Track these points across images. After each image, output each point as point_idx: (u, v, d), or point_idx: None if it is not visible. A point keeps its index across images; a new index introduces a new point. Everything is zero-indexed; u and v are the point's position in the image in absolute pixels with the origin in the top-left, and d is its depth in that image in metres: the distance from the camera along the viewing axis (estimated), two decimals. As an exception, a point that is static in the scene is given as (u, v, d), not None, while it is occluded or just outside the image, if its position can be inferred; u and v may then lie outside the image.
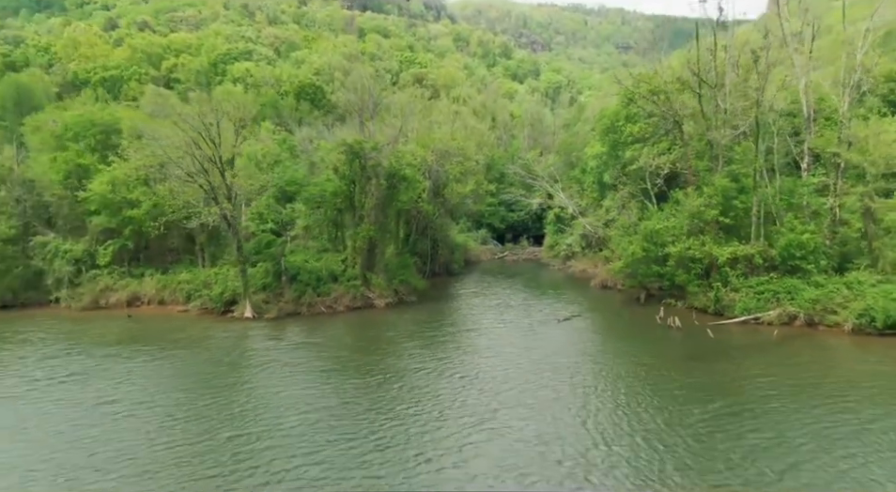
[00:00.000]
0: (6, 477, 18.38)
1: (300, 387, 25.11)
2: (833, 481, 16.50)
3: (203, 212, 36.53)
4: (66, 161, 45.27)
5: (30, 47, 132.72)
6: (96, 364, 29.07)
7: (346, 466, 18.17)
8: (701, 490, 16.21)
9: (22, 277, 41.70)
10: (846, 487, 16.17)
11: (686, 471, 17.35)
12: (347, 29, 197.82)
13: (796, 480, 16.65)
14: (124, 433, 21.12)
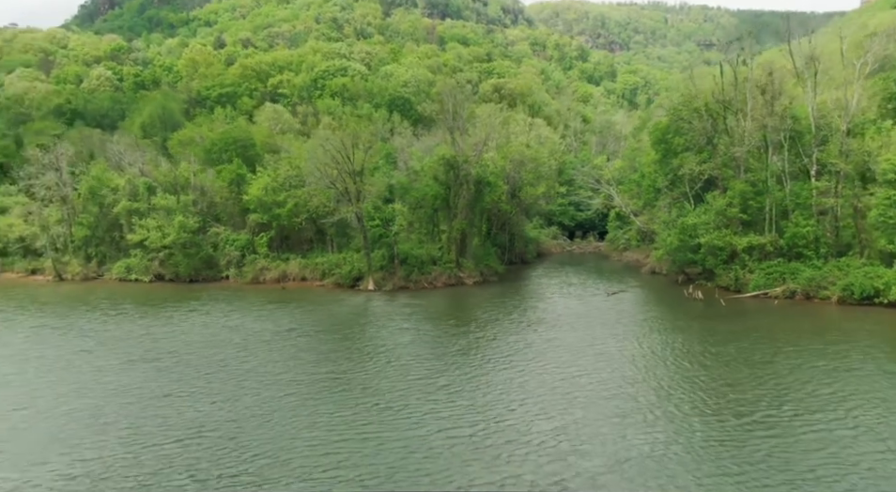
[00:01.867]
0: (221, 348, 32.25)
1: (409, 332, 38.28)
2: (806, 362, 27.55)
3: (340, 210, 50.67)
4: (230, 172, 60.94)
5: (157, 67, 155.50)
6: (269, 313, 43.49)
7: (447, 372, 30.97)
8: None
9: (202, 259, 57.39)
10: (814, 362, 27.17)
11: (701, 361, 28.91)
12: (429, 38, 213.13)
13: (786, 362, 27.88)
14: (308, 342, 34.94)
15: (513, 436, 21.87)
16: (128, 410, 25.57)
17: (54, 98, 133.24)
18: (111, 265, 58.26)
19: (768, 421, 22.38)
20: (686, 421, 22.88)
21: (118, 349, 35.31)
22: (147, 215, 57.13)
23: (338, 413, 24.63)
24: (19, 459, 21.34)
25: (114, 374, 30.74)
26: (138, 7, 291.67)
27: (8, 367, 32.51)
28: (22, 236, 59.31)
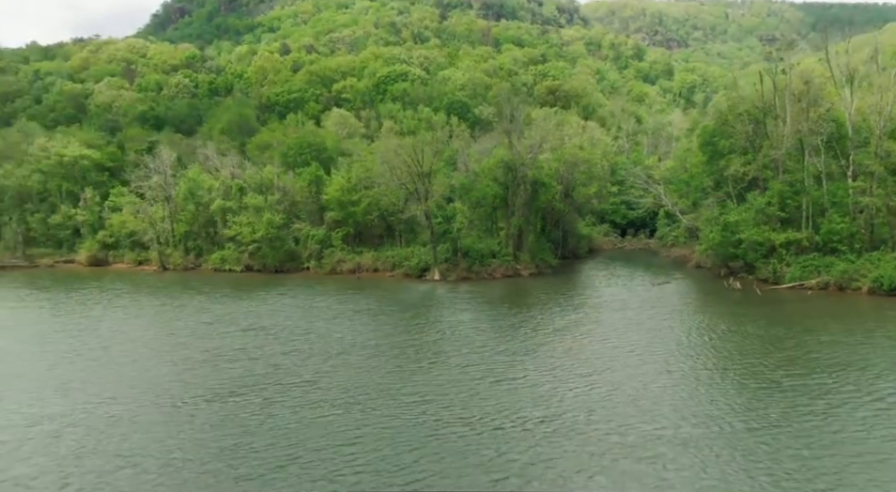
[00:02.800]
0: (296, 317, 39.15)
1: (469, 313, 44.52)
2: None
3: (410, 208, 57.50)
4: (309, 174, 68.68)
5: (229, 75, 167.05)
6: (349, 297, 50.56)
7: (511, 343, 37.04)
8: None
9: (286, 252, 65.26)
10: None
11: (738, 337, 34.15)
12: (484, 40, 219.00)
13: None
14: (385, 319, 41.66)
15: (559, 379, 27.79)
16: (265, 368, 32.79)
17: (138, 105, 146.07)
18: (207, 256, 66.94)
19: (783, 382, 27.49)
20: (708, 378, 28.27)
21: (231, 323, 42.96)
22: (239, 213, 65.42)
23: (411, 366, 31.18)
24: (221, 386, 28.69)
25: (237, 339, 38.26)
26: (206, 15, 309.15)
27: (157, 331, 40.69)
28: (132, 231, 68.71)
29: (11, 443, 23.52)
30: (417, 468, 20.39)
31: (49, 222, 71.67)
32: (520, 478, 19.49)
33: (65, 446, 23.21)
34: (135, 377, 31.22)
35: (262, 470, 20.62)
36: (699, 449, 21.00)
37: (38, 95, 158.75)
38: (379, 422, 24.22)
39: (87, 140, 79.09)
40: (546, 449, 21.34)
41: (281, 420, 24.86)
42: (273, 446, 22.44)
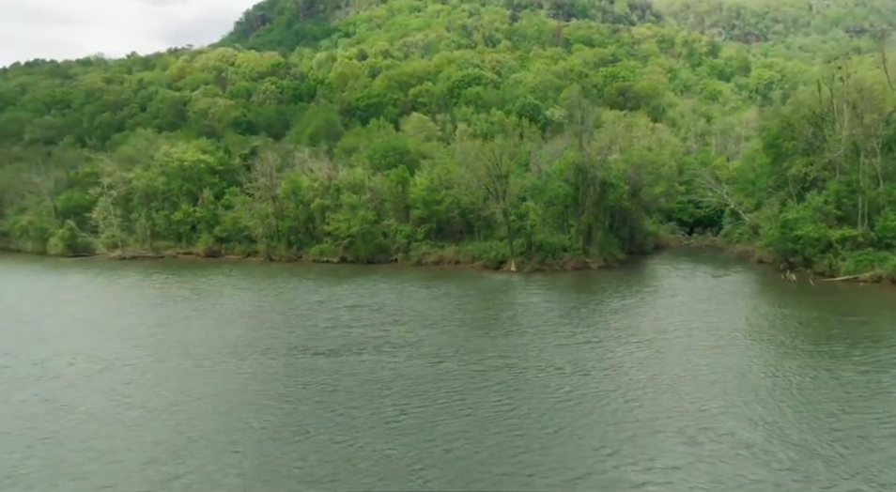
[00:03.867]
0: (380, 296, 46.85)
1: (541, 296, 51.34)
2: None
3: (488, 207, 64.87)
4: (396, 175, 77.09)
5: (311, 81, 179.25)
6: (435, 284, 58.32)
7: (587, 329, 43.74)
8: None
9: (376, 245, 73.88)
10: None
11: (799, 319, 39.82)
12: (555, 40, 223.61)
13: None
14: (469, 300, 49.11)
15: (614, 342, 34.40)
16: (378, 332, 40.99)
17: (231, 111, 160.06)
18: (307, 249, 76.52)
19: (822, 351, 33.13)
20: (755, 351, 34.22)
21: (338, 301, 51.57)
22: (336, 210, 74.59)
23: (492, 332, 38.53)
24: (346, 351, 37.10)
25: (347, 313, 46.79)
26: (286, 22, 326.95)
27: (281, 306, 49.80)
28: (243, 226, 79.22)
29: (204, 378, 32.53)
30: (504, 396, 27.77)
31: (171, 218, 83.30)
32: (574, 400, 26.51)
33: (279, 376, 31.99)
34: (284, 337, 40.02)
35: (397, 398, 28.49)
36: (716, 383, 27.35)
37: (143, 103, 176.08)
38: (472, 369, 31.79)
39: (201, 146, 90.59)
40: (600, 384, 28.29)
41: (398, 367, 32.79)
42: (397, 382, 30.33)
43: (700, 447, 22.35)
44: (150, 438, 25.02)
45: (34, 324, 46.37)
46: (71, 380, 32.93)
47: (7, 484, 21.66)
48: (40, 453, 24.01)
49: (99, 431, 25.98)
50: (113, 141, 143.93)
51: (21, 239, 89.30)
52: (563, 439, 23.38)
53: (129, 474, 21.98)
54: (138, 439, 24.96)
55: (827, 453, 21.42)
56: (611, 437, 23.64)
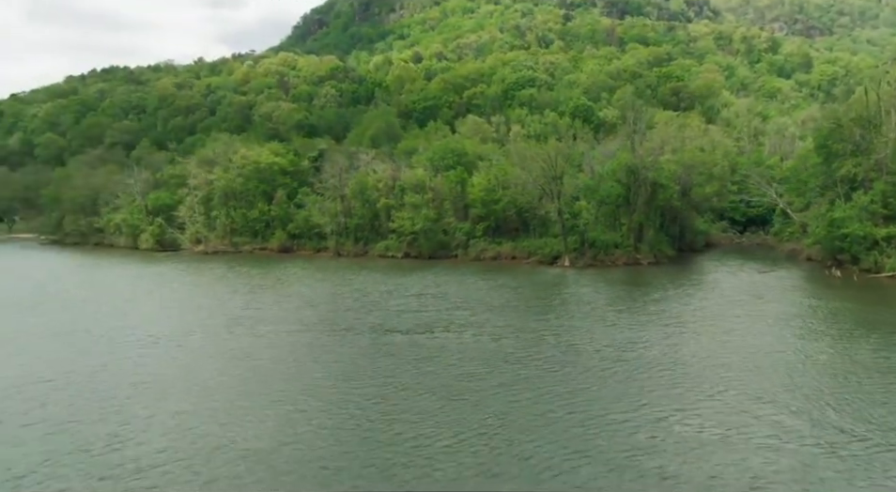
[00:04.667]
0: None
1: (591, 287, 55.98)
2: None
3: (544, 206, 69.85)
4: (455, 176, 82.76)
5: (369, 84, 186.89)
6: (493, 277, 63.65)
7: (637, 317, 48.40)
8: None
9: (437, 242, 79.73)
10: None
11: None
12: (608, 39, 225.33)
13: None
14: (526, 290, 54.25)
15: (655, 325, 39.00)
16: (443, 316, 46.72)
17: (294, 114, 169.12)
18: (373, 245, 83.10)
19: (839, 332, 37.06)
20: (794, 337, 38.38)
21: (405, 291, 57.55)
22: (400, 209, 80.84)
23: (547, 315, 43.66)
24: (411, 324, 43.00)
25: (413, 300, 52.68)
26: (342, 25, 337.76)
27: (356, 294, 56.21)
28: (314, 224, 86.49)
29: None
30: (556, 364, 32.93)
31: (248, 216, 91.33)
32: (616, 369, 31.42)
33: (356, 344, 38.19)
34: (363, 319, 46.24)
35: (467, 367, 34.03)
36: (746, 359, 31.81)
37: (213, 107, 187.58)
38: (531, 345, 37.10)
39: (274, 149, 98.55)
40: (642, 357, 33.08)
41: (465, 342, 38.38)
42: (466, 354, 35.89)
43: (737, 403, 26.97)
44: (299, 387, 31.19)
45: (161, 307, 54.10)
46: (220, 346, 39.84)
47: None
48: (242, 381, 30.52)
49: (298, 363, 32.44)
50: (186, 144, 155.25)
51: (114, 236, 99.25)
52: (612, 398, 28.35)
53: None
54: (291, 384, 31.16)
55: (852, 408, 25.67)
56: (644, 386, 28.48)
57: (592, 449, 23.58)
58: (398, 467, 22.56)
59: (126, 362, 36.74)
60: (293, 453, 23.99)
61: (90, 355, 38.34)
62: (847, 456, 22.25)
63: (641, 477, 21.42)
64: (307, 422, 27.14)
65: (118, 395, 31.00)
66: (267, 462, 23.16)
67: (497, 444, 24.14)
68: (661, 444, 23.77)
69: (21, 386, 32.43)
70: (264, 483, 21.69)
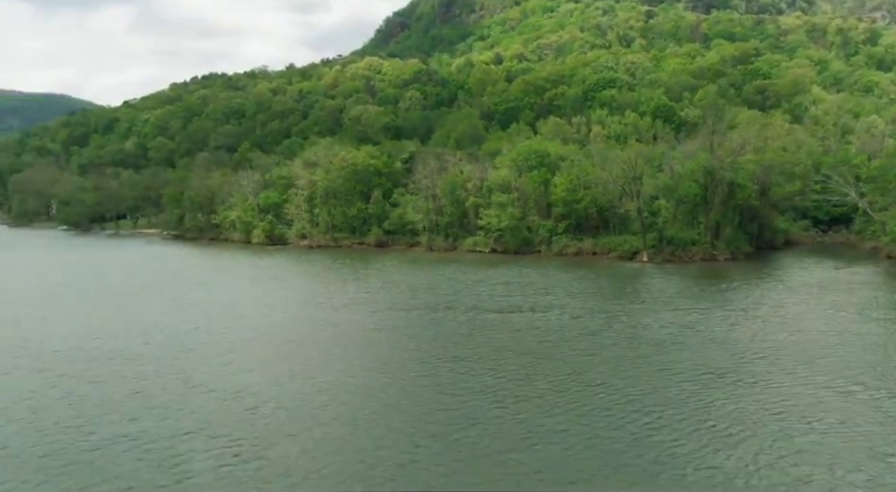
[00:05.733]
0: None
1: (663, 278, 61.48)
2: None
3: (624, 205, 75.65)
4: (539, 176, 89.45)
5: (452, 87, 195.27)
6: (576, 269, 70.00)
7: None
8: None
9: (522, 238, 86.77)
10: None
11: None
12: (692, 36, 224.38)
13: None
14: (606, 281, 60.52)
15: (722, 310, 44.62)
16: (529, 300, 53.93)
17: (381, 117, 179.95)
18: (462, 240, 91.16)
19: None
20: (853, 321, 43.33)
21: (499, 280, 65.01)
22: (487, 207, 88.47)
23: (623, 301, 49.99)
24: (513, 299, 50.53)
25: (501, 287, 60.14)
26: (423, 27, 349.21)
27: (453, 281, 64.19)
28: (407, 221, 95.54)
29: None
30: (627, 337, 39.46)
31: (347, 213, 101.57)
32: (680, 342, 37.62)
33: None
34: (461, 301, 54.13)
35: (551, 339, 41.15)
36: (812, 341, 37.29)
37: (305, 111, 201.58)
38: (604, 322, 43.80)
39: (369, 152, 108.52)
40: (706, 335, 39.13)
41: (549, 320, 45.46)
42: (550, 328, 42.97)
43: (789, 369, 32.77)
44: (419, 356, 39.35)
45: (288, 289, 64.22)
46: (339, 323, 48.90)
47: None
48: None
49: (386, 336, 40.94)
50: (283, 146, 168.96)
51: (229, 231, 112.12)
52: (680, 362, 34.69)
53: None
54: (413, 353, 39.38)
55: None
56: (693, 354, 34.57)
57: (645, 382, 30.28)
58: (511, 397, 30.01)
59: (278, 328, 46.20)
60: (425, 396, 31.93)
61: (249, 318, 48.09)
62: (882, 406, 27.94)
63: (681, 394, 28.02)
64: (434, 375, 35.03)
65: (292, 347, 40.15)
66: (405, 410, 31.07)
67: (572, 386, 31.25)
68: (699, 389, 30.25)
69: (212, 342, 42.27)
70: (408, 422, 29.48)
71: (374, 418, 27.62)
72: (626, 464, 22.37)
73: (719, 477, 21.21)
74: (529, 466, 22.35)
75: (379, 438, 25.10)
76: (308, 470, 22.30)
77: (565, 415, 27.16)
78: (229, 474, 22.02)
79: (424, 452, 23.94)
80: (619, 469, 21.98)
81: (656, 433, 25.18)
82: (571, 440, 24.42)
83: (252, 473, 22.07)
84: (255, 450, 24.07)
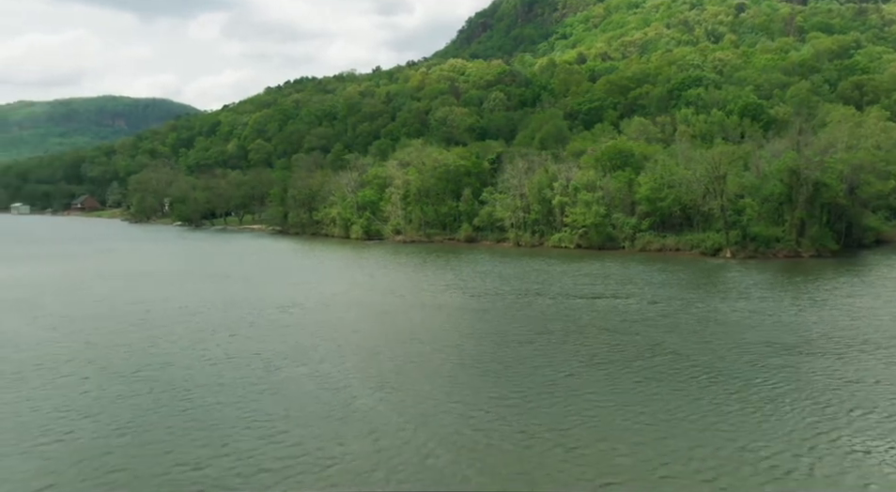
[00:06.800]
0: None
1: (746, 273, 65.19)
2: None
3: (708, 203, 79.41)
4: (624, 176, 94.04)
5: (535, 87, 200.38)
6: (661, 265, 74.51)
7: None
8: None
9: (606, 235, 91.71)
10: None
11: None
12: (786, 29, 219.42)
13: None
14: (689, 275, 65.04)
15: (803, 302, 48.73)
16: (611, 289, 59.53)
17: (466, 118, 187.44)
18: (548, 237, 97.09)
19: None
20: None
21: (579, 273, 70.64)
22: (573, 205, 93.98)
23: (700, 291, 54.74)
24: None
25: (586, 277, 65.75)
26: (505, 27, 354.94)
27: (538, 272, 70.48)
28: (496, 218, 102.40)
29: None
30: (706, 320, 44.56)
31: (438, 211, 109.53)
32: (750, 324, 42.38)
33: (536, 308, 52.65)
34: (547, 289, 60.41)
35: (631, 319, 46.78)
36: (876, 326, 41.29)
37: (393, 113, 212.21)
38: (681, 308, 48.88)
39: (459, 153, 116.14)
40: (787, 317, 43.71)
41: (629, 305, 51.00)
42: (629, 311, 48.54)
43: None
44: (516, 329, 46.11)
45: (392, 277, 72.60)
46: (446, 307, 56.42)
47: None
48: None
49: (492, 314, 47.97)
50: (374, 147, 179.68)
51: (329, 227, 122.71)
52: (746, 338, 39.65)
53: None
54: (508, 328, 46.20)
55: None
56: (756, 335, 39.29)
57: (714, 352, 35.61)
58: (598, 361, 36.13)
59: (397, 305, 54.13)
60: (517, 358, 38.52)
61: (371, 297, 56.30)
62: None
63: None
64: (529, 343, 41.56)
65: (413, 321, 47.87)
66: (511, 369, 37.71)
67: (652, 354, 36.96)
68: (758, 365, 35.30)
69: (310, 310, 50.56)
70: (514, 378, 36.07)
71: (494, 369, 34.48)
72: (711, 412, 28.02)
73: (779, 425, 26.46)
74: (627, 417, 28.33)
75: (496, 387, 31.85)
76: (438, 401, 29.22)
77: (653, 377, 33.07)
78: (378, 386, 29.31)
79: (534, 394, 30.57)
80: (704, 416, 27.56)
81: (715, 385, 30.71)
82: (666, 398, 30.19)
83: (401, 378, 29.31)
84: (400, 379, 31.36)
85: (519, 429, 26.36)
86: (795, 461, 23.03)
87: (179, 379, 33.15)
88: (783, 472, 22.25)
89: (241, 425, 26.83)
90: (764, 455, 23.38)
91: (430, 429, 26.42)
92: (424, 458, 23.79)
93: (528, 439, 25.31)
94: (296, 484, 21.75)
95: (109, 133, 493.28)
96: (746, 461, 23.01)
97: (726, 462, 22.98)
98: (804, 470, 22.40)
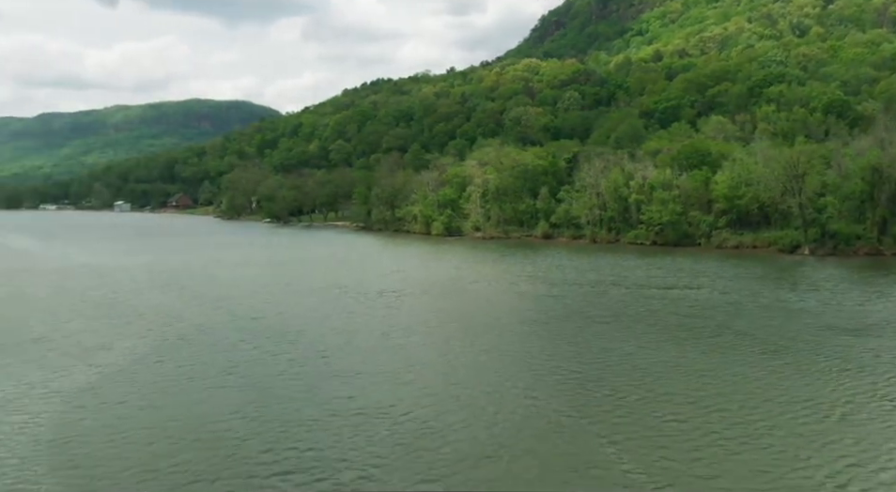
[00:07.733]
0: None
1: (820, 269, 67.40)
2: None
3: (786, 201, 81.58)
4: (701, 175, 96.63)
5: (611, 86, 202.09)
6: (737, 261, 77.33)
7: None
8: None
9: (682, 232, 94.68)
10: None
11: None
12: (879, 20, 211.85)
13: None
14: (764, 269, 67.99)
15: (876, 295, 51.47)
16: (683, 281, 63.42)
17: (541, 118, 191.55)
18: (624, 234, 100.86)
19: None
20: None
21: (654, 266, 74.43)
22: (649, 203, 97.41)
23: (772, 285, 58.03)
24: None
25: (659, 270, 69.67)
26: (579, 25, 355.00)
27: (612, 266, 74.88)
28: (572, 216, 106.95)
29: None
30: (769, 307, 48.25)
31: (516, 208, 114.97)
32: (819, 311, 45.82)
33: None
34: (623, 279, 64.99)
35: (701, 305, 50.93)
36: None
37: (468, 113, 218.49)
38: (747, 297, 52.59)
39: (536, 153, 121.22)
40: (850, 306, 46.98)
41: (705, 297, 55.06)
42: (699, 300, 52.64)
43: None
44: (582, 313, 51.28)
45: (477, 267, 78.86)
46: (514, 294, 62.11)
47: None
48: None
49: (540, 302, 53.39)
50: (450, 147, 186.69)
51: (411, 224, 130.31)
52: (795, 327, 43.28)
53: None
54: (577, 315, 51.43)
55: None
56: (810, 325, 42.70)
57: (775, 332, 39.61)
58: (672, 338, 40.87)
59: (487, 293, 60.28)
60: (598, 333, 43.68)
61: (463, 286, 62.64)
62: None
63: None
64: (606, 324, 46.58)
65: (501, 307, 53.89)
66: (593, 346, 42.90)
67: (720, 334, 41.32)
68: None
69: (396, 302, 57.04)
70: (598, 353, 41.24)
71: (578, 341, 40.00)
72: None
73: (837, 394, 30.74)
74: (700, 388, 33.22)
75: (580, 356, 37.30)
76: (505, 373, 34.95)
77: (715, 350, 37.80)
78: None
79: (615, 362, 35.99)
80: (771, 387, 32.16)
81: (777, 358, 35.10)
82: (725, 364, 34.88)
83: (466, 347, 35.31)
84: (514, 347, 37.37)
85: (610, 386, 31.95)
86: (828, 409, 27.74)
87: (317, 342, 40.54)
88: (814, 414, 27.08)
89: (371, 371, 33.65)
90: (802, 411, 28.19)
91: (533, 376, 32.41)
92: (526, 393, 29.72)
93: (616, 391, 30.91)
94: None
95: (195, 134, 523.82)
96: (787, 411, 27.87)
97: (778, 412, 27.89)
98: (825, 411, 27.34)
